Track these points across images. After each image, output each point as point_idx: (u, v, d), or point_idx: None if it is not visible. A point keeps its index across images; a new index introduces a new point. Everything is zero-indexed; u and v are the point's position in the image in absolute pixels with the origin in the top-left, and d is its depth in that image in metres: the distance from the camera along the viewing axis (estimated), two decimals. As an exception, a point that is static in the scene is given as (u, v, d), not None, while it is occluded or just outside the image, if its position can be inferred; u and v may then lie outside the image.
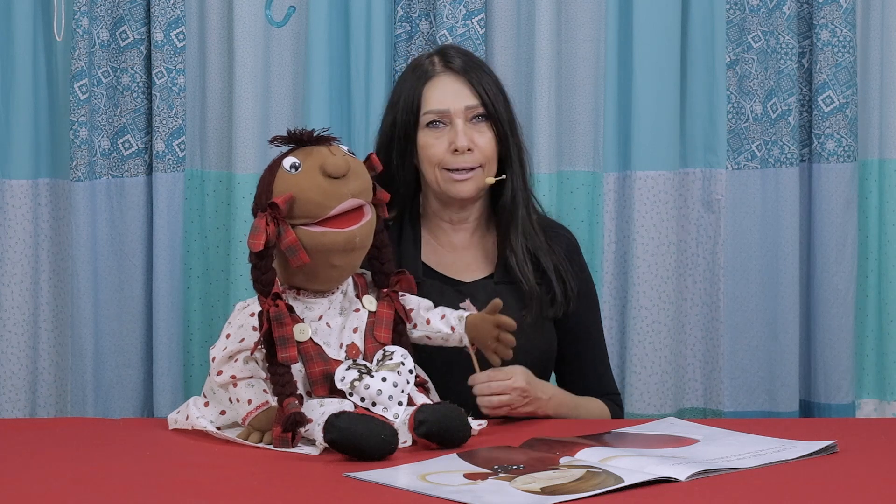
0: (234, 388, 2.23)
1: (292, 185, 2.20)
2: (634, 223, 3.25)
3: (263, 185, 2.25)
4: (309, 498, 1.91)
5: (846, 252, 3.28)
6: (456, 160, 2.55)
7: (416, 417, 2.15)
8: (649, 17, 3.24)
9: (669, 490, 1.90)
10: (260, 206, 2.22)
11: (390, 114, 2.62)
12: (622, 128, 3.28)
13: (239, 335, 2.25)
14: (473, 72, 2.58)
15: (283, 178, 2.22)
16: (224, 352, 2.25)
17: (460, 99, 2.56)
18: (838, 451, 2.14)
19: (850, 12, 3.24)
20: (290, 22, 3.27)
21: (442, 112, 2.55)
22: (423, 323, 2.36)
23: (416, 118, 2.56)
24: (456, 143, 2.54)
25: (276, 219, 2.18)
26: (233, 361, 2.24)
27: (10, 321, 3.27)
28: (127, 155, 3.27)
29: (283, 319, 2.17)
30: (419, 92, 2.57)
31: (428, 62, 2.61)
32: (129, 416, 3.26)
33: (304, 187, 2.20)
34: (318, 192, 2.20)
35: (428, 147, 2.56)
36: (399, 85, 2.65)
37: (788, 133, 3.27)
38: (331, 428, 2.08)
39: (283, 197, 2.18)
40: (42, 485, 1.96)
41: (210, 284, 3.30)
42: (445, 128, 2.56)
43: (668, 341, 3.26)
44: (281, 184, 2.21)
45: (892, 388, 3.34)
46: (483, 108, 2.56)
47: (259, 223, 2.18)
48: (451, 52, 2.62)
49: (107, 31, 3.25)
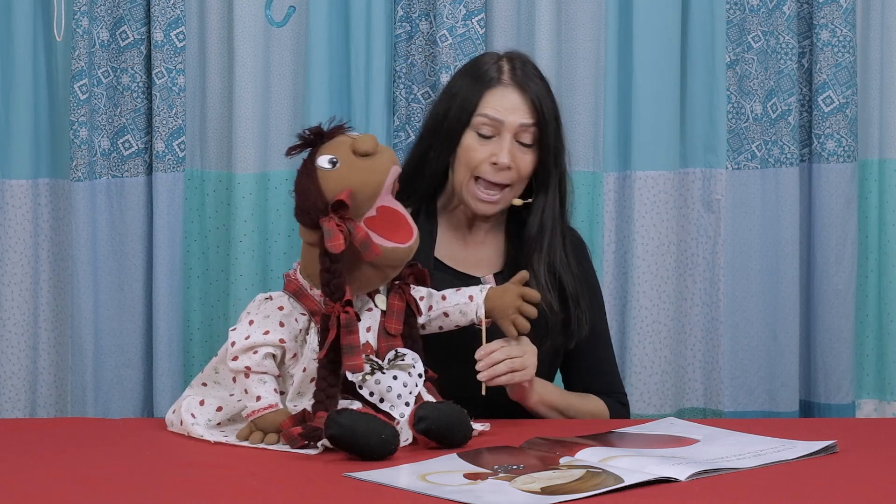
0: (245, 379, 2.21)
1: (342, 178, 2.18)
2: (634, 223, 3.25)
3: (309, 191, 2.20)
4: (309, 498, 1.91)
5: (846, 252, 3.28)
6: (492, 173, 2.54)
7: (416, 413, 2.15)
8: (649, 17, 3.24)
9: (669, 490, 1.90)
10: (319, 211, 2.18)
11: (445, 102, 2.60)
12: (622, 128, 3.28)
13: (263, 326, 2.23)
14: (537, 91, 2.56)
15: (327, 176, 2.19)
16: (246, 340, 2.22)
17: (517, 114, 2.54)
18: (838, 451, 2.14)
19: (850, 12, 3.24)
20: (290, 22, 3.27)
21: (496, 122, 2.54)
22: (439, 300, 2.35)
23: (468, 118, 2.55)
24: (498, 158, 2.52)
25: (343, 217, 2.16)
26: (251, 353, 2.22)
27: (10, 321, 3.27)
28: (127, 155, 3.27)
29: (352, 327, 2.15)
30: (480, 94, 2.55)
31: (495, 68, 2.58)
32: (129, 416, 3.25)
33: (353, 175, 2.18)
34: (367, 174, 2.19)
35: (470, 150, 2.54)
36: (460, 77, 2.62)
37: (788, 133, 3.27)
38: (332, 423, 2.07)
39: (343, 193, 2.16)
40: (42, 485, 1.96)
41: (210, 284, 3.30)
42: (492, 138, 2.55)
43: (668, 341, 3.26)
44: (329, 182, 2.19)
45: (892, 388, 3.34)
46: (535, 128, 2.55)
47: (330, 226, 2.14)
48: (518, 64, 2.59)
49: (107, 31, 3.25)
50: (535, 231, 2.59)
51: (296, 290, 2.26)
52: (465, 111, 2.55)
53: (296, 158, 3.24)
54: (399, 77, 3.27)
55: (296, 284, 2.27)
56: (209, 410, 2.29)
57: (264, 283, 3.25)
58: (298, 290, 2.26)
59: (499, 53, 2.65)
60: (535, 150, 2.55)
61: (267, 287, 3.25)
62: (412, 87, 3.27)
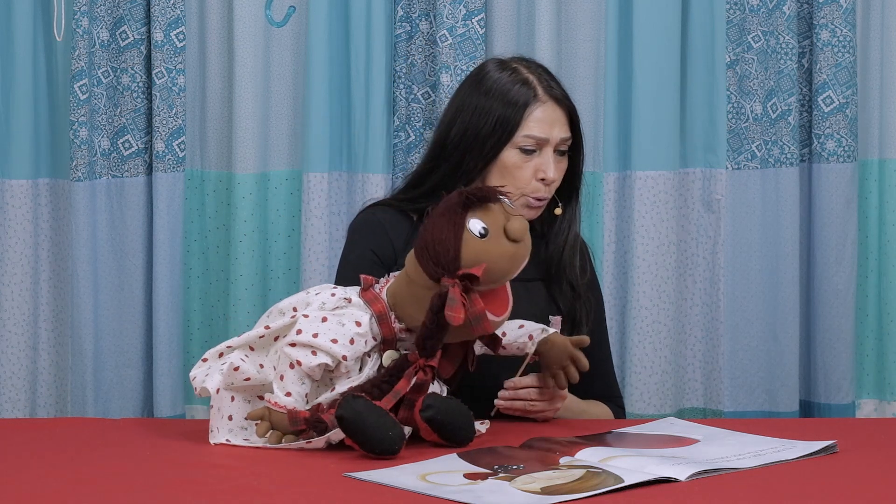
0: (288, 368, 2.17)
1: (482, 252, 2.12)
2: (634, 223, 3.25)
3: (448, 245, 2.14)
4: (309, 498, 1.91)
5: (846, 252, 3.28)
6: (540, 189, 2.55)
7: (424, 401, 2.14)
8: (649, 17, 3.24)
9: (669, 490, 1.90)
10: (446, 271, 2.13)
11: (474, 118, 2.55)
12: (622, 128, 3.28)
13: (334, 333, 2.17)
14: (569, 101, 2.59)
15: (471, 243, 2.13)
16: (314, 339, 2.16)
17: (558, 129, 2.55)
18: (838, 451, 2.14)
19: (850, 12, 3.24)
20: (290, 22, 3.27)
21: (541, 140, 2.55)
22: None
23: (509, 136, 2.55)
24: (547, 174, 2.53)
25: (466, 288, 2.12)
26: (310, 352, 2.17)
27: (10, 321, 3.27)
28: (127, 155, 3.27)
29: (422, 389, 2.15)
30: (521, 113, 2.54)
31: (524, 85, 2.56)
32: (129, 416, 3.26)
33: (495, 254, 2.13)
34: (507, 260, 2.14)
35: (516, 169, 2.54)
36: (483, 94, 2.57)
37: (788, 133, 3.27)
38: (345, 405, 2.07)
39: (479, 269, 2.11)
40: (42, 485, 1.96)
41: (210, 284, 3.30)
42: (535, 153, 2.55)
43: (668, 341, 3.26)
44: (470, 250, 2.13)
45: (892, 388, 3.34)
46: (572, 140, 2.58)
47: (455, 294, 2.10)
48: (547, 76, 2.59)
49: (107, 31, 3.25)
50: (569, 236, 2.63)
51: (381, 313, 2.21)
52: (506, 131, 2.54)
53: (296, 158, 3.27)
54: (399, 77, 3.27)
55: (383, 307, 2.21)
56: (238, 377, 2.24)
57: (264, 283, 3.25)
58: (383, 314, 2.21)
59: (504, 61, 2.62)
60: (567, 157, 2.59)
61: (267, 287, 3.25)
62: (412, 87, 3.27)
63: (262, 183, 3.26)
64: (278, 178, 3.26)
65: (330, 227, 3.24)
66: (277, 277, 3.26)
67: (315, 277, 3.19)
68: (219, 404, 2.23)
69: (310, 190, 3.23)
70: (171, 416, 3.23)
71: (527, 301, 2.54)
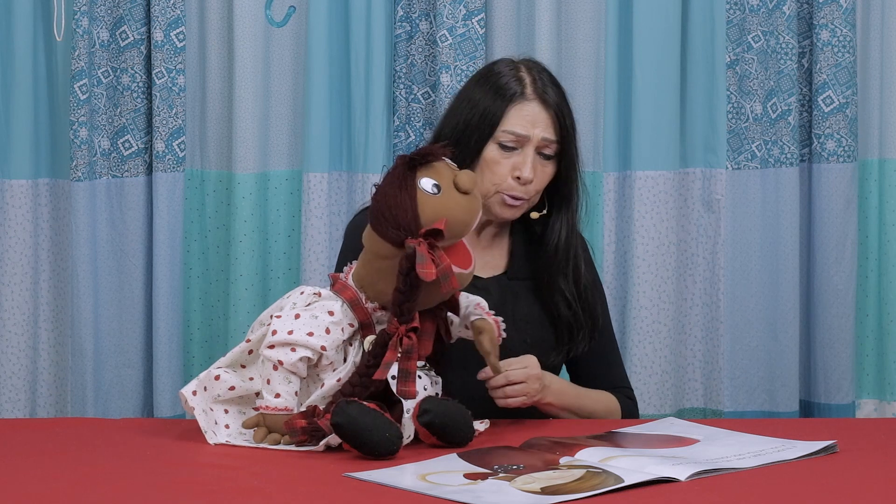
0: (272, 371, 2.18)
1: (440, 207, 2.15)
2: (634, 223, 3.25)
3: (405, 209, 2.16)
4: (309, 498, 1.91)
5: (846, 252, 3.28)
6: (516, 188, 2.53)
7: (421, 405, 2.15)
8: (649, 17, 3.24)
9: (669, 490, 1.90)
10: (409, 232, 2.15)
11: (465, 112, 2.56)
12: (622, 128, 3.28)
13: (309, 327, 2.19)
14: (559, 104, 2.55)
15: (427, 201, 2.15)
16: (289, 335, 2.18)
17: (540, 128, 2.52)
18: (838, 451, 2.14)
19: (850, 12, 3.24)
20: (290, 22, 3.27)
21: (521, 137, 2.53)
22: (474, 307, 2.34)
23: (491, 131, 2.53)
24: (522, 172, 2.51)
25: (432, 245, 2.13)
26: (289, 349, 2.18)
27: (10, 321, 3.27)
28: (127, 155, 3.27)
29: (411, 354, 2.14)
30: (503, 108, 2.52)
31: (516, 80, 2.55)
32: (129, 416, 3.26)
33: (451, 208, 2.16)
34: (463, 211, 2.16)
35: (494, 164, 2.53)
36: (479, 87, 2.57)
37: (788, 133, 3.27)
38: (340, 412, 2.07)
39: (441, 222, 2.13)
40: (42, 485, 1.96)
41: (210, 284, 3.30)
42: (514, 151, 2.53)
43: (668, 341, 3.26)
44: (428, 207, 2.15)
45: (892, 388, 3.34)
46: (557, 145, 2.54)
47: (423, 251, 2.11)
48: (538, 75, 2.57)
49: (107, 31, 3.25)
50: (559, 245, 2.59)
51: (352, 299, 2.23)
52: (488, 124, 2.53)
53: (296, 158, 3.27)
54: (399, 77, 3.27)
55: (352, 293, 2.23)
56: (222, 387, 2.26)
57: (264, 283, 3.25)
58: (354, 300, 2.23)
59: (514, 60, 2.61)
60: (554, 162, 2.56)
61: (267, 287, 3.25)
62: (412, 87, 3.27)
63: (262, 183, 3.26)
64: (278, 178, 3.26)
65: (330, 227, 3.24)
66: (277, 277, 3.26)
67: (315, 277, 3.19)
68: (208, 413, 2.25)
69: (310, 190, 3.23)
70: (171, 416, 3.22)
71: (525, 301, 2.54)
